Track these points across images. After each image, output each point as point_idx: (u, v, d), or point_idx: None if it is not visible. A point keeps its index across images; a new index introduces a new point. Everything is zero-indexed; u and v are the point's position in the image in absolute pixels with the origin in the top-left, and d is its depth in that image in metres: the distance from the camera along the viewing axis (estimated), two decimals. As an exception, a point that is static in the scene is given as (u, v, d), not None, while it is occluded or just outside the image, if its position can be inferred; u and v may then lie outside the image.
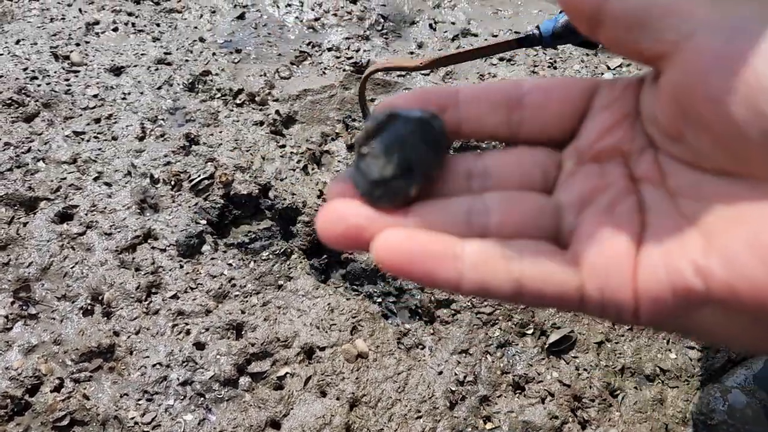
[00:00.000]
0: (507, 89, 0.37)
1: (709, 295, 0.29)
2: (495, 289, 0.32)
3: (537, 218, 0.35)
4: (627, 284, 0.31)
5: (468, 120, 0.37)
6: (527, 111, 0.37)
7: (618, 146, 0.36)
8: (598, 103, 0.37)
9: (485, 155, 0.38)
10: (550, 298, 0.32)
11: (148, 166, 1.47)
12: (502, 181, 0.37)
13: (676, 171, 0.33)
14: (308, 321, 1.24)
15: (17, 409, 1.08)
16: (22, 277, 1.24)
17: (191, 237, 1.33)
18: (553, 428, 1.11)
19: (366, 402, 1.12)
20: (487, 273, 0.32)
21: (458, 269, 0.32)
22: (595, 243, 0.32)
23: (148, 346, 1.17)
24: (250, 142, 1.56)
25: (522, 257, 0.32)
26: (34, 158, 1.45)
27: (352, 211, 0.33)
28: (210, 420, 1.09)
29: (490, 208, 0.35)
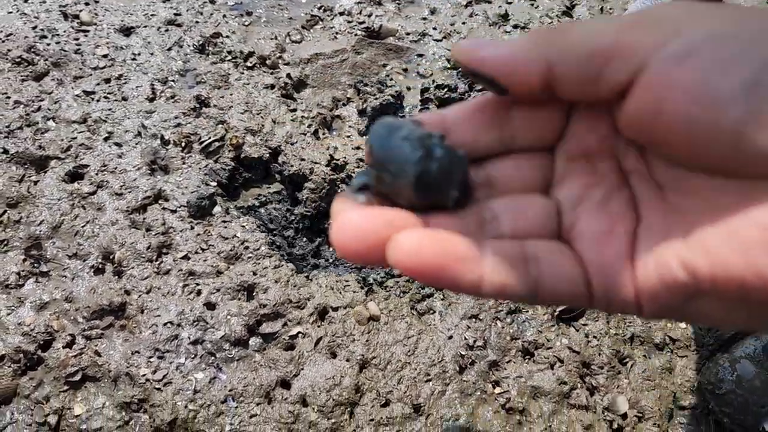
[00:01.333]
0: (493, 107, 0.37)
1: (698, 288, 0.29)
2: (514, 291, 0.32)
3: (543, 219, 0.35)
4: (627, 282, 0.32)
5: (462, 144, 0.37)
6: (517, 124, 0.37)
7: (603, 142, 0.36)
8: (578, 107, 0.37)
9: (486, 165, 0.38)
10: (564, 297, 0.32)
11: (158, 127, 1.46)
12: (505, 188, 0.37)
13: (659, 166, 0.34)
14: (323, 283, 1.24)
15: (30, 363, 1.09)
16: (33, 235, 1.24)
17: (202, 199, 1.33)
18: (562, 393, 1.12)
19: (375, 364, 1.13)
20: (506, 275, 0.31)
21: (480, 271, 0.31)
22: (595, 242, 0.33)
23: (159, 305, 1.17)
24: (260, 106, 1.55)
25: (537, 258, 0.33)
26: (44, 117, 1.44)
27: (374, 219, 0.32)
28: (220, 378, 1.10)
29: (499, 215, 0.35)
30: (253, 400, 1.07)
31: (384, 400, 1.09)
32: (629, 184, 0.35)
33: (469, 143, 0.37)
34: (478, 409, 1.09)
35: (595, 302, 0.33)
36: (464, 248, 0.31)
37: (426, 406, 1.08)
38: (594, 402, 1.12)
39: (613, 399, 1.12)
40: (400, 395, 1.09)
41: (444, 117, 0.38)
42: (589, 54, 0.31)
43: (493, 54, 0.33)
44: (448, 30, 1.86)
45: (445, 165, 0.33)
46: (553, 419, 1.09)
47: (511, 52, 0.33)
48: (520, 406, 1.10)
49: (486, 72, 0.33)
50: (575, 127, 0.37)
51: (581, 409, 1.10)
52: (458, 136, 0.37)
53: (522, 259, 0.32)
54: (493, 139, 0.37)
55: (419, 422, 1.07)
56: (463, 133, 0.37)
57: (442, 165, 0.33)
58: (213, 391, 1.08)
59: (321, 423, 1.05)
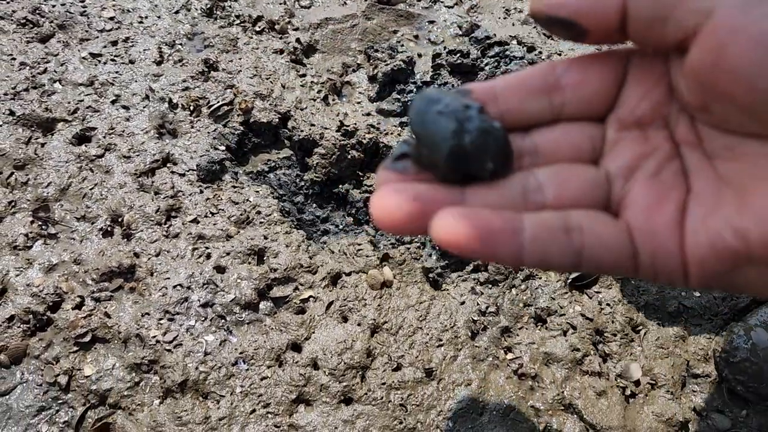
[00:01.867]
0: (542, 75, 0.38)
1: (750, 254, 0.29)
2: (556, 261, 0.32)
3: (589, 189, 0.35)
4: (675, 251, 0.32)
5: (510, 111, 0.38)
6: (567, 92, 0.37)
7: (657, 110, 0.36)
8: (632, 73, 0.37)
9: (532, 133, 0.38)
10: (607, 266, 0.33)
11: (166, 90, 1.44)
12: (552, 156, 0.38)
13: (710, 135, 0.34)
14: (335, 248, 1.23)
15: (39, 324, 1.08)
16: (41, 197, 1.22)
17: (211, 163, 1.31)
18: (574, 360, 1.11)
19: (387, 329, 1.12)
20: (547, 245, 0.32)
21: (519, 243, 0.32)
22: (645, 211, 0.33)
23: (169, 268, 1.16)
24: (269, 70, 1.52)
25: (581, 228, 0.33)
26: (51, 79, 1.42)
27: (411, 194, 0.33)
28: (231, 341, 1.09)
29: (543, 184, 0.36)
30: (264, 362, 1.07)
31: (395, 364, 1.08)
32: (680, 153, 0.35)
33: (516, 111, 0.38)
34: (490, 375, 1.08)
35: (641, 271, 0.33)
36: (501, 222, 0.32)
37: (438, 371, 1.07)
38: (607, 369, 1.11)
39: (626, 366, 1.11)
40: (412, 360, 1.08)
41: (493, 85, 0.38)
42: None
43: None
44: (459, -3, 1.82)
45: (479, 138, 0.34)
46: (566, 385, 1.09)
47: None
48: (533, 372, 1.09)
49: (565, 15, 0.34)
50: (628, 93, 0.37)
51: (594, 376, 1.10)
52: (506, 105, 0.38)
53: (564, 229, 0.33)
54: (542, 106, 0.38)
55: (431, 386, 1.06)
56: (511, 100, 0.38)
57: (476, 138, 0.33)
58: (223, 353, 1.07)
59: (332, 386, 1.04)
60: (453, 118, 0.34)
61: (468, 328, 1.13)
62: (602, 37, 0.34)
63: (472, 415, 1.04)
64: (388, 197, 0.33)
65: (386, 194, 0.33)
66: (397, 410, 1.03)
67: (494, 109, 0.37)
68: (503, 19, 1.77)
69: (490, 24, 1.73)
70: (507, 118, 0.38)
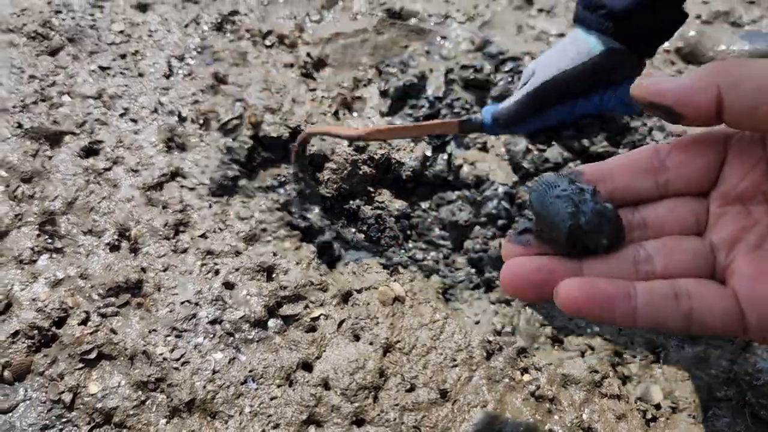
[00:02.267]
0: (647, 157, 0.43)
1: None
2: (667, 324, 0.37)
3: (695, 259, 0.40)
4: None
5: (619, 189, 0.43)
6: (671, 172, 0.42)
7: (757, 186, 0.40)
8: (732, 153, 0.41)
9: (641, 209, 0.43)
10: (716, 328, 0.36)
11: (175, 104, 1.42)
12: (659, 230, 0.42)
13: None
14: (345, 270, 1.20)
15: (44, 340, 1.06)
16: (48, 210, 1.20)
17: (220, 177, 1.29)
18: (593, 382, 1.07)
19: (400, 348, 1.09)
20: (658, 310, 0.36)
21: (632, 307, 0.36)
22: (750, 279, 0.36)
23: (177, 284, 1.14)
24: (279, 84, 1.51)
25: (689, 294, 0.37)
26: (59, 92, 1.40)
27: (536, 266, 0.39)
28: (240, 359, 1.06)
29: (652, 255, 0.40)
30: (274, 381, 1.04)
31: (409, 384, 1.05)
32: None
33: (625, 189, 0.43)
34: (506, 396, 1.05)
35: (750, 333, 0.36)
36: (616, 289, 0.36)
37: (453, 392, 1.04)
38: (626, 391, 1.08)
39: (646, 389, 1.08)
40: (426, 380, 1.05)
41: (602, 167, 0.43)
42: (757, 87, 0.35)
43: (672, 86, 0.38)
44: (471, 13, 1.81)
45: (594, 218, 0.39)
46: (585, 408, 1.05)
47: (689, 82, 0.37)
48: (550, 394, 1.06)
49: (665, 102, 0.38)
50: (730, 172, 0.41)
51: (613, 399, 1.06)
52: (615, 184, 0.42)
53: (673, 295, 0.37)
54: (649, 185, 0.42)
55: (446, 408, 1.03)
56: (619, 180, 0.42)
57: (591, 219, 0.38)
58: (232, 371, 1.04)
59: (344, 406, 1.01)
60: (570, 201, 0.39)
61: (483, 348, 1.09)
62: (699, 122, 0.38)
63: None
64: (516, 269, 0.38)
65: (515, 266, 0.39)
66: (410, 430, 1.00)
67: (605, 188, 0.42)
68: (515, 35, 1.76)
69: (503, 40, 1.72)
70: (617, 196, 0.42)
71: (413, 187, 1.40)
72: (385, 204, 1.33)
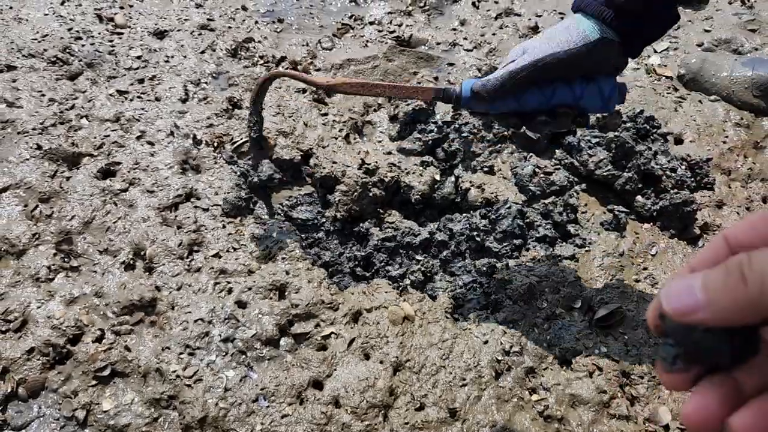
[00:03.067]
0: (720, 246, 0.40)
1: None
2: None
3: None
4: None
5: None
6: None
7: None
8: None
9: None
10: None
11: (191, 127, 1.46)
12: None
13: None
14: (357, 289, 1.22)
15: (59, 357, 1.08)
16: (65, 230, 1.23)
17: (234, 198, 1.32)
18: (601, 403, 1.08)
19: (410, 367, 1.10)
20: None
21: None
22: None
23: (190, 302, 1.16)
24: (292, 109, 1.54)
25: None
26: (78, 115, 1.44)
27: (709, 407, 0.37)
28: (251, 377, 1.07)
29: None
30: (285, 399, 1.05)
31: (419, 403, 1.06)
32: None
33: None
34: (515, 416, 1.06)
35: None
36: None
37: (462, 411, 1.05)
38: (635, 412, 1.08)
39: (654, 410, 1.08)
40: (436, 399, 1.06)
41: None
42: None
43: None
44: (478, 41, 1.86)
45: (742, 344, 0.38)
46: (593, 429, 1.06)
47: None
48: (559, 414, 1.07)
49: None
50: None
51: (622, 420, 1.07)
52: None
53: None
54: None
55: (455, 427, 1.03)
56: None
57: (738, 346, 0.37)
58: (244, 389, 1.05)
59: (354, 425, 1.02)
60: (719, 336, 0.38)
61: (492, 368, 1.10)
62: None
63: (497, 458, 1.01)
64: (698, 414, 0.37)
65: (697, 410, 0.37)
66: (421, 451, 1.00)
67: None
68: (522, 62, 1.79)
69: (509, 67, 1.75)
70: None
71: (422, 209, 1.42)
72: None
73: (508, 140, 1.48)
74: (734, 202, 1.44)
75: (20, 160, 1.32)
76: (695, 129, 1.58)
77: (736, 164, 1.52)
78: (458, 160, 1.48)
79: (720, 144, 1.56)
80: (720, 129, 1.60)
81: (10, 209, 1.24)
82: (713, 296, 0.36)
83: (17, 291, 1.14)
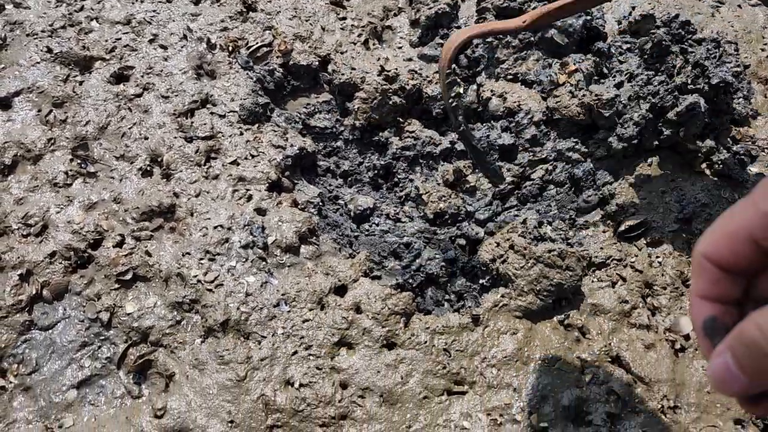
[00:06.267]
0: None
1: None
2: None
3: None
4: None
5: None
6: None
7: None
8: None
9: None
10: None
11: (204, 30, 1.40)
12: None
13: None
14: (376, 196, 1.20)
15: (81, 261, 1.08)
16: (80, 136, 1.21)
17: (250, 105, 1.28)
18: (623, 312, 1.08)
19: (431, 275, 1.09)
20: None
21: None
22: None
23: (209, 209, 1.15)
24: (309, 12, 1.47)
25: None
26: (88, 17, 1.39)
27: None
28: (272, 283, 1.07)
29: None
30: (306, 305, 1.05)
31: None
32: None
33: None
34: (536, 325, 1.06)
35: None
36: None
37: (484, 318, 1.05)
38: (656, 322, 1.08)
39: (675, 320, 1.08)
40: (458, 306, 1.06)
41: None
42: None
43: None
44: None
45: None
46: (613, 337, 1.06)
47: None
48: (579, 323, 1.06)
49: None
50: None
51: (642, 329, 1.06)
52: None
53: None
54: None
55: (476, 333, 1.04)
56: None
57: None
58: (265, 294, 1.06)
59: (375, 330, 1.03)
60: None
61: (513, 277, 1.10)
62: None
63: (516, 364, 1.01)
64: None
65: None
66: (441, 355, 1.01)
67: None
68: (550, -36, 1.69)
69: (537, -31, 1.66)
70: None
71: (443, 118, 1.38)
72: (416, 133, 1.32)
73: (534, 46, 1.42)
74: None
75: (31, 63, 1.28)
76: (733, 35, 1.50)
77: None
78: (481, 67, 1.42)
79: (758, 52, 1.48)
80: (759, 36, 1.52)
81: (24, 114, 1.22)
82: (752, 376, 0.37)
83: (36, 196, 1.13)
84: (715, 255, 0.41)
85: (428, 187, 1.26)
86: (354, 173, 1.33)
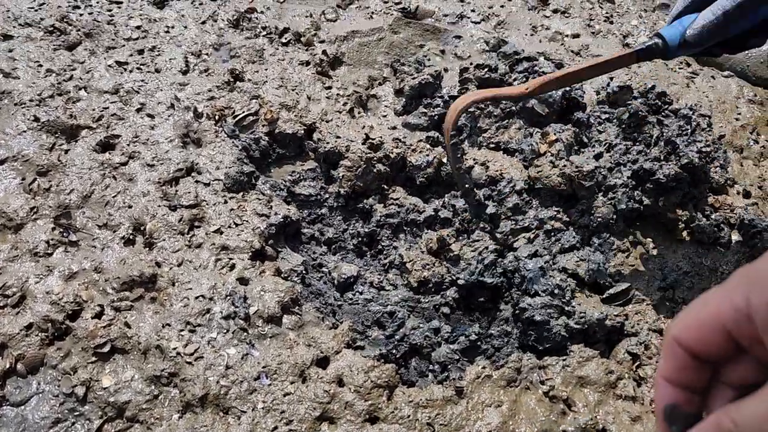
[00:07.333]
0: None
1: None
2: None
3: None
4: None
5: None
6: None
7: None
8: None
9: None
10: None
11: (191, 99, 1.42)
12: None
13: None
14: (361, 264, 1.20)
15: (58, 333, 1.06)
16: (63, 204, 1.21)
17: (235, 173, 1.29)
18: (608, 384, 1.06)
19: (414, 346, 1.08)
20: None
21: None
22: None
23: (191, 279, 1.14)
24: (295, 82, 1.51)
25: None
26: (76, 86, 1.41)
27: None
28: (253, 355, 1.06)
29: None
30: (288, 378, 1.03)
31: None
32: None
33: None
34: (521, 397, 1.04)
35: None
36: None
37: (468, 390, 1.03)
38: (641, 393, 1.07)
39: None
40: (441, 378, 1.05)
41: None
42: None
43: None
44: (486, 13, 1.81)
45: None
46: (599, 409, 1.04)
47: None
48: (564, 395, 1.05)
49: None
50: None
51: (628, 400, 1.05)
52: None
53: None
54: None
55: (460, 406, 1.02)
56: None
57: None
58: (246, 367, 1.04)
59: (357, 404, 1.01)
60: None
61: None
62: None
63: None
64: None
65: None
66: (425, 429, 0.99)
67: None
68: (530, 35, 1.75)
69: (517, 40, 1.71)
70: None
71: (427, 185, 1.39)
72: (400, 201, 1.33)
73: (516, 115, 1.45)
74: (746, 180, 1.41)
75: (17, 132, 1.29)
76: (707, 105, 1.55)
77: (749, 142, 1.49)
78: (464, 136, 1.45)
79: (733, 121, 1.52)
80: (733, 106, 1.56)
81: (8, 182, 1.22)
82: None
83: (15, 266, 1.12)
84: (686, 341, 0.41)
85: (412, 254, 1.26)
86: (338, 240, 1.33)
